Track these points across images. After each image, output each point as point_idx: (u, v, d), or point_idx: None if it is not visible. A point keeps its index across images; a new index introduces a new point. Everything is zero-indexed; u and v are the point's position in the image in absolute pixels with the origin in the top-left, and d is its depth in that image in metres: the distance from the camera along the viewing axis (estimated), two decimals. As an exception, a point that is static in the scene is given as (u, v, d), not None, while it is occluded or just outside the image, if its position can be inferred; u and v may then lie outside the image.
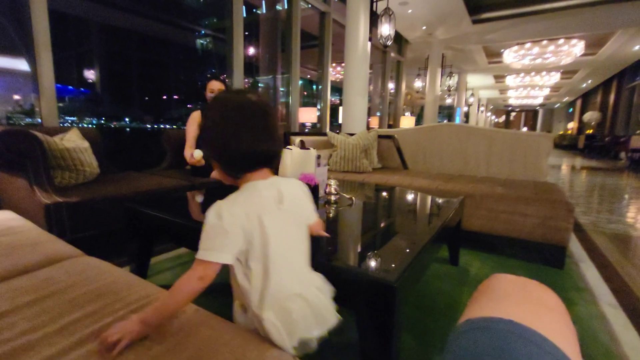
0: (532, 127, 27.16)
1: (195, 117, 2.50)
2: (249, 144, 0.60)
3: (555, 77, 13.64)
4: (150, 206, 1.34)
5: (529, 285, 0.43)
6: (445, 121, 15.28)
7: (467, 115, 17.65)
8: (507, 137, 2.73)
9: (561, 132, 20.26)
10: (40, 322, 0.61)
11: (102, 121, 5.64)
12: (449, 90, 10.29)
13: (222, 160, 0.63)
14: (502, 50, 10.05)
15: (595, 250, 2.17)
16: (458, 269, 1.78)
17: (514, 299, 0.39)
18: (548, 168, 2.63)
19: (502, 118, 30.14)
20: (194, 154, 2.22)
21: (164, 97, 7.46)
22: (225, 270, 0.61)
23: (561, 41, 9.03)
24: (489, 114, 26.10)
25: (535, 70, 12.41)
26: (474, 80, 14.72)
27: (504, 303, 0.38)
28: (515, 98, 20.37)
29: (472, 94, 15.73)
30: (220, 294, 1.45)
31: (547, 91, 17.44)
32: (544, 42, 9.19)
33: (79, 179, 1.85)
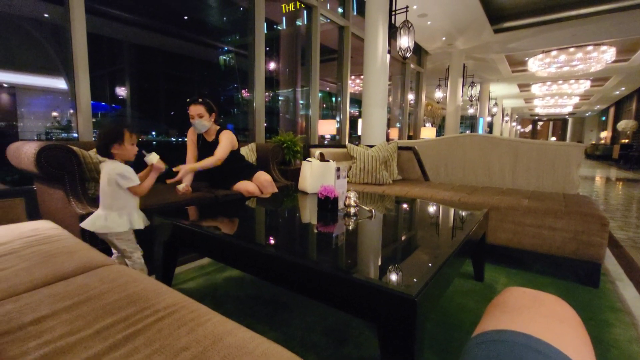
0: (562, 137, 26.06)
1: (190, 135, 2.34)
2: None
3: (585, 85, 13.11)
4: (175, 217, 1.39)
5: (543, 298, 0.43)
6: (467, 132, 14.98)
7: (490, 126, 17.21)
8: (534, 147, 2.64)
9: (593, 142, 19.31)
10: (77, 327, 0.64)
11: (132, 135, 5.93)
12: (471, 100, 10.12)
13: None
14: (527, 58, 9.81)
15: (634, 268, 2.03)
16: (483, 284, 1.72)
17: (528, 312, 0.39)
18: (579, 180, 2.52)
19: (529, 128, 29.14)
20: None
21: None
22: (247, 286, 0.62)
23: (590, 48, 8.71)
24: (514, 123, 25.32)
25: (562, 78, 12.00)
26: (497, 89, 14.39)
27: (518, 316, 0.38)
28: (542, 107, 19.69)
29: (496, 104, 15.36)
30: (243, 307, 1.47)
31: (576, 99, 16.76)
32: (571, 49, 8.91)
33: (111, 190, 1.95)
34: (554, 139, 25.61)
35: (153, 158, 1.51)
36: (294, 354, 0.56)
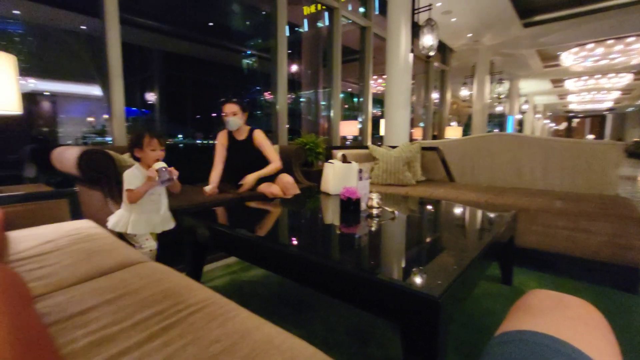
0: (600, 135, 24.48)
1: (220, 138, 2.44)
2: None
3: (626, 78, 12.26)
4: (203, 217, 1.46)
5: (569, 301, 0.42)
6: (495, 130, 14.42)
7: (521, 124, 16.48)
8: (567, 146, 2.52)
9: (636, 139, 18.00)
10: (118, 318, 0.70)
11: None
12: (499, 98, 9.75)
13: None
14: (560, 52, 9.32)
15: (681, 274, 1.89)
16: (511, 288, 1.67)
17: (552, 314, 0.38)
18: (618, 180, 2.37)
19: (563, 125, 27.61)
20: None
21: (214, 114, 8.03)
22: (272, 285, 0.65)
23: (631, 39, 8.15)
24: (546, 121, 24.09)
25: (600, 72, 11.29)
26: (527, 85, 13.76)
27: (541, 318, 0.37)
28: (577, 103, 18.60)
29: (526, 101, 14.69)
30: (268, 305, 1.51)
31: (616, 94, 15.70)
32: (610, 41, 8.37)
33: (144, 191, 2.06)
34: (591, 136, 24.10)
35: (155, 166, 1.47)
36: (318, 349, 0.58)
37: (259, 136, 2.43)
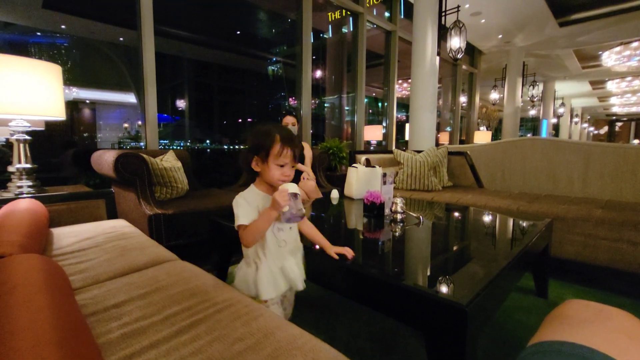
0: (646, 139, 22.68)
1: None
2: None
3: (675, 79, 11.34)
4: (230, 219, 1.49)
5: (610, 312, 0.39)
6: (528, 135, 13.75)
7: (556, 128, 15.62)
8: (609, 151, 2.36)
9: (687, 144, 16.55)
10: (149, 312, 0.73)
11: (189, 144, 6.47)
12: (533, 101, 9.32)
13: None
14: (600, 52, 8.78)
15: None
16: (547, 302, 1.57)
17: (591, 326, 0.35)
18: (667, 188, 2.19)
19: (604, 129, 25.87)
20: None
21: (239, 120, 8.25)
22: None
23: (681, 36, 7.53)
24: (585, 125, 22.69)
25: (646, 72, 10.51)
26: (564, 88, 13.04)
27: (579, 329, 0.35)
28: (620, 106, 17.39)
29: (563, 104, 13.92)
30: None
31: (664, 95, 14.53)
32: (657, 39, 7.77)
33: (173, 194, 2.15)
34: (636, 141, 22.40)
35: (283, 189, 0.87)
36: (340, 353, 0.58)
37: (306, 146, 2.85)
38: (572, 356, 0.29)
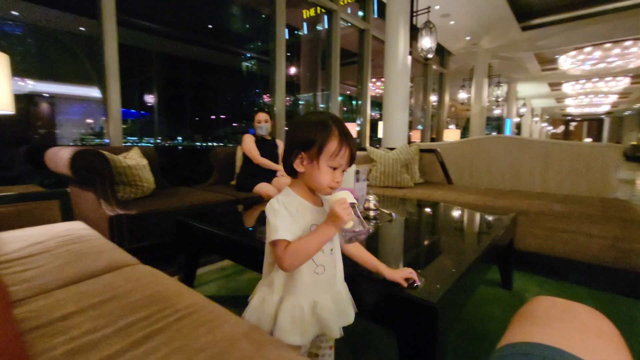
0: (597, 138, 24.55)
1: (251, 141, 2.63)
2: None
3: (623, 82, 12.31)
4: (198, 219, 1.43)
5: (577, 310, 0.39)
6: (494, 133, 14.44)
7: (519, 127, 16.51)
8: (566, 149, 2.50)
9: (634, 143, 18.05)
10: (102, 323, 0.67)
11: (159, 141, 6.18)
12: (497, 101, 9.76)
13: None
14: (557, 56, 9.36)
15: (683, 278, 1.86)
16: (511, 293, 1.64)
17: (559, 324, 0.35)
18: (618, 183, 2.35)
19: (561, 128, 27.71)
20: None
21: (212, 117, 8.00)
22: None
23: (629, 43, 8.18)
24: (544, 124, 24.17)
25: (598, 75, 11.33)
26: (525, 89, 13.81)
27: (547, 328, 0.35)
28: (575, 107, 18.67)
29: (524, 104, 14.74)
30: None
31: (614, 98, 15.76)
32: (607, 45, 8.40)
33: (137, 193, 2.03)
34: (589, 140, 24.19)
35: (336, 197, 0.69)
36: (307, 358, 0.55)
37: (280, 144, 2.79)
38: (539, 358, 0.29)
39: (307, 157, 0.70)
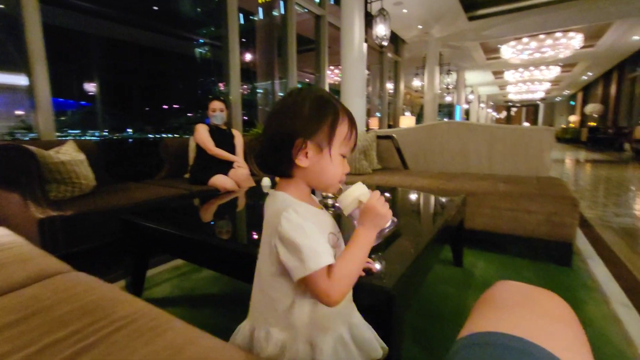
0: (534, 122, 27.01)
1: (205, 130, 2.50)
2: None
3: (554, 71, 13.58)
4: (146, 217, 1.31)
5: (537, 294, 0.40)
6: (445, 119, 15.24)
7: (467, 113, 17.59)
8: (508, 132, 2.69)
9: (563, 126, 20.14)
10: (22, 343, 0.58)
11: (105, 133, 5.67)
12: (448, 88, 10.27)
13: None
14: (500, 45, 10.02)
15: (603, 246, 2.12)
16: (462, 270, 1.74)
17: (520, 310, 0.36)
18: (551, 162, 2.59)
19: (503, 114, 30.02)
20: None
21: (165, 106, 7.50)
22: (225, 284, 0.57)
23: (559, 34, 8.98)
24: (489, 110, 26.00)
25: (533, 64, 12.36)
26: (472, 77, 14.68)
27: (509, 314, 0.35)
28: (515, 93, 20.28)
29: (472, 91, 15.69)
30: (221, 306, 1.41)
31: (547, 85, 17.35)
32: (542, 36, 9.16)
33: (74, 192, 1.83)
34: (527, 124, 26.50)
35: (355, 191, 0.63)
36: None
37: (237, 133, 2.69)
38: (501, 347, 0.29)
39: (313, 147, 0.55)
